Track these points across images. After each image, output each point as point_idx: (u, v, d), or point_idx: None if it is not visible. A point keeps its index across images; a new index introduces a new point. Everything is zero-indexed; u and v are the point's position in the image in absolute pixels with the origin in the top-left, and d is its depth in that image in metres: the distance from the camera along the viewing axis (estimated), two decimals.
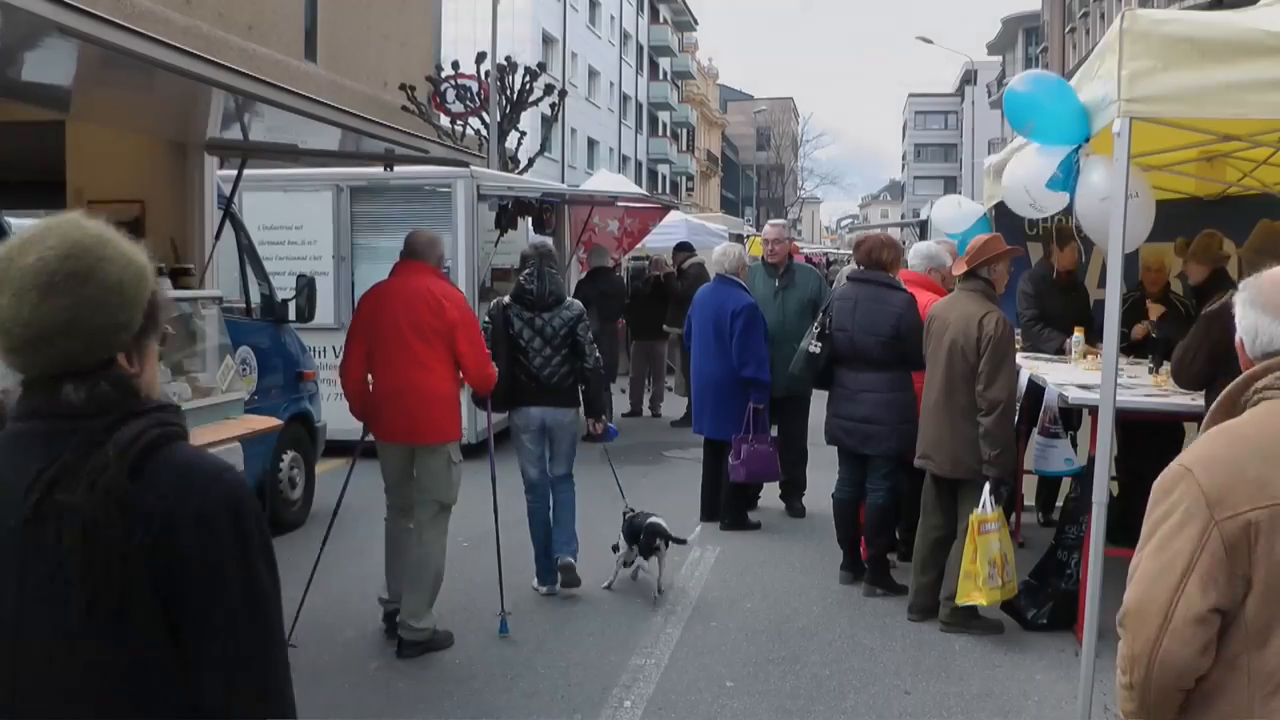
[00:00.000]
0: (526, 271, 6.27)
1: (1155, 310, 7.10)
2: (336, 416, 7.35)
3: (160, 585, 1.57)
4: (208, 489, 1.63)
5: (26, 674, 1.60)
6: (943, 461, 5.69)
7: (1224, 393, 2.19)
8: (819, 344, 6.44)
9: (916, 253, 7.07)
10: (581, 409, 6.45)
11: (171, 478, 1.61)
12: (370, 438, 5.59)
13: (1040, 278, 7.35)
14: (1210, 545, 1.92)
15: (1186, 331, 5.27)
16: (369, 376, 5.44)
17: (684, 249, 13.76)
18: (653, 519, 6.34)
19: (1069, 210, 5.15)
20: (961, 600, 5.45)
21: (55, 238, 1.65)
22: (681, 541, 6.53)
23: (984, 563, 5.30)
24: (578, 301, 6.46)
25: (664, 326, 13.13)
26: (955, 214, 8.49)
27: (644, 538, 6.25)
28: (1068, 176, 4.97)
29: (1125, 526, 7.21)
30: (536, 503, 6.39)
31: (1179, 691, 2.00)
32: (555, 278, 6.37)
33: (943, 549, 5.79)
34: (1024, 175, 5.14)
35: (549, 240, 8.65)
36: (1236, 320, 2.23)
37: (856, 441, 6.34)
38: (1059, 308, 7.24)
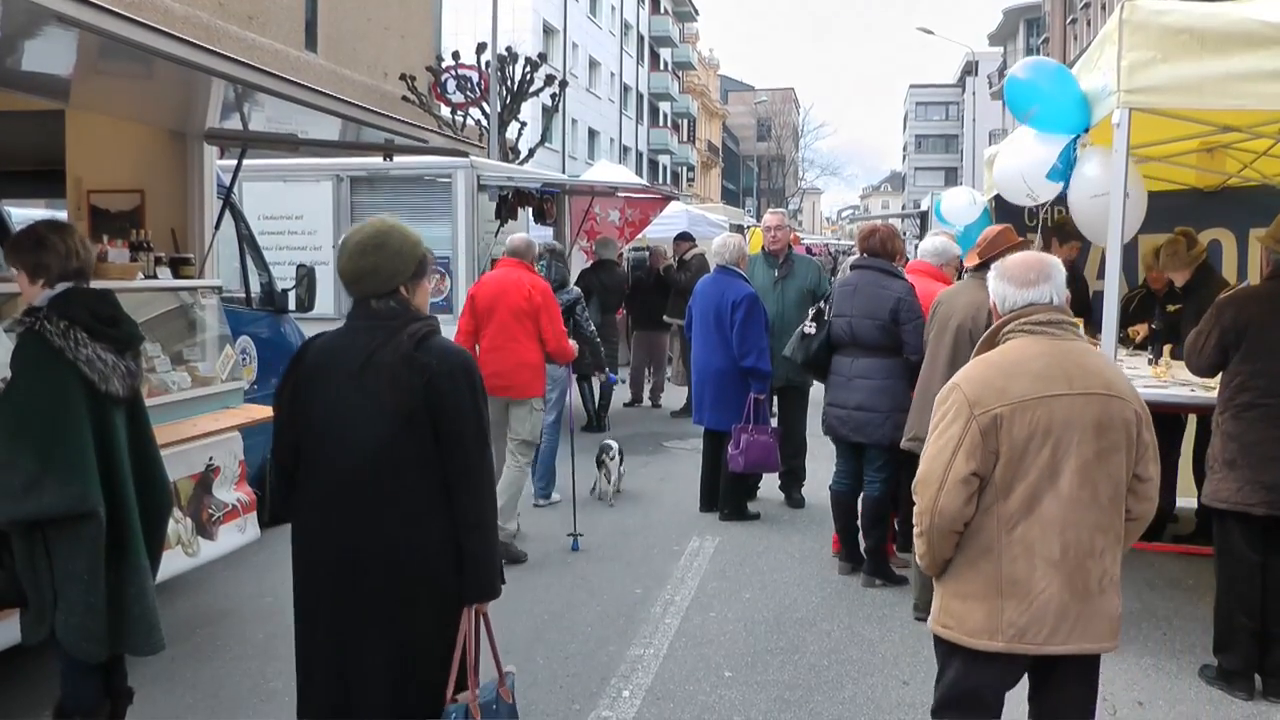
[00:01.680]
0: (542, 263, 7.96)
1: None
2: None
3: (430, 407, 3.01)
4: (454, 358, 3.10)
5: (360, 456, 3.03)
6: None
7: (985, 334, 3.26)
8: (813, 324, 6.50)
9: (924, 251, 7.05)
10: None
11: (435, 350, 3.06)
12: None
13: None
14: (970, 431, 3.00)
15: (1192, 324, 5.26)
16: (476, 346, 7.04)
17: (685, 239, 13.74)
18: (605, 441, 8.63)
19: (1065, 200, 5.13)
20: None
21: (368, 226, 3.15)
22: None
23: None
24: (576, 288, 8.54)
25: (665, 317, 13.13)
26: (968, 206, 8.50)
27: (597, 454, 8.48)
28: (1067, 168, 4.95)
29: None
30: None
31: (953, 533, 3.07)
32: (562, 269, 8.59)
33: None
34: (1021, 165, 5.11)
35: (557, 242, 10.53)
36: (990, 291, 3.29)
37: (850, 429, 6.35)
38: None
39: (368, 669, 3.08)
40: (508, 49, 24.21)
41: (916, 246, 8.21)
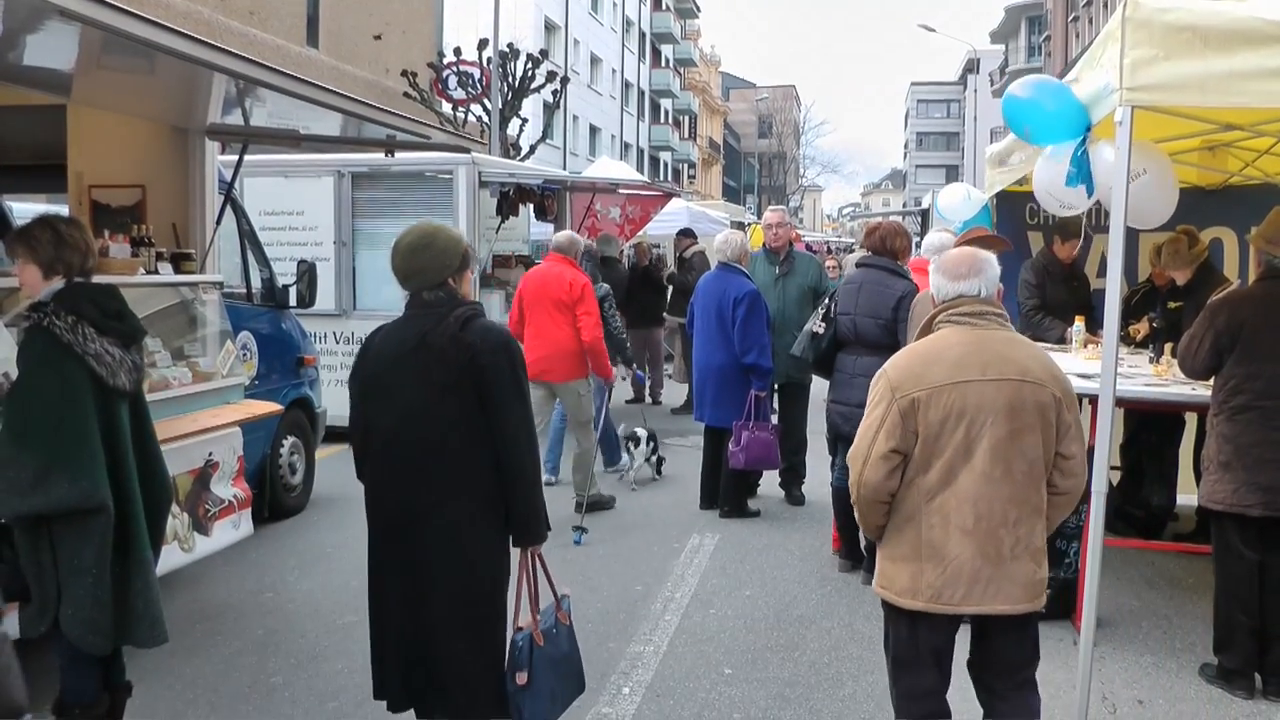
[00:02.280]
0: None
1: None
2: (337, 402, 7.37)
3: (475, 380, 3.44)
4: (496, 336, 3.54)
5: (412, 424, 3.50)
6: None
7: (923, 323, 3.61)
8: (823, 324, 6.49)
9: (928, 248, 7.06)
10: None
11: (479, 330, 3.50)
12: None
13: (1041, 268, 7.33)
14: (891, 413, 3.37)
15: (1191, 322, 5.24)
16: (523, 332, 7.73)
17: (686, 236, 13.72)
18: (634, 429, 9.10)
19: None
20: None
21: (416, 230, 3.60)
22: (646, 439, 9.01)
23: None
24: (605, 285, 8.96)
25: (665, 314, 13.11)
26: (964, 203, 8.50)
27: (623, 440, 9.05)
28: (1081, 171, 4.94)
29: (1125, 516, 7.25)
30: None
31: (880, 503, 3.43)
32: (593, 270, 9.48)
33: None
34: (1044, 181, 5.14)
35: (594, 242, 11.44)
36: (930, 284, 3.64)
37: (853, 426, 6.32)
38: (1060, 297, 7.22)
39: (430, 610, 3.52)
40: (509, 45, 24.18)
41: (918, 244, 8.22)
